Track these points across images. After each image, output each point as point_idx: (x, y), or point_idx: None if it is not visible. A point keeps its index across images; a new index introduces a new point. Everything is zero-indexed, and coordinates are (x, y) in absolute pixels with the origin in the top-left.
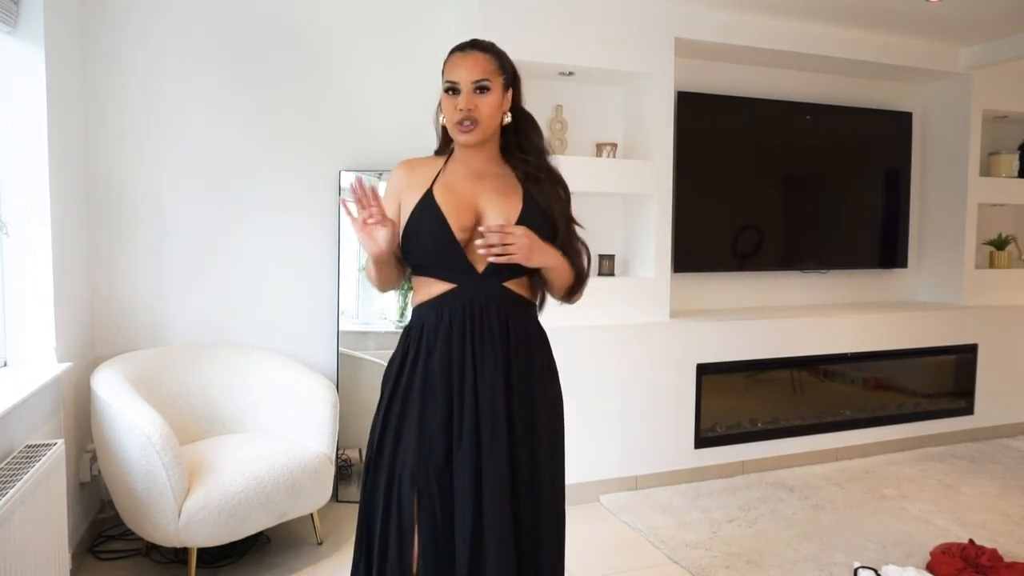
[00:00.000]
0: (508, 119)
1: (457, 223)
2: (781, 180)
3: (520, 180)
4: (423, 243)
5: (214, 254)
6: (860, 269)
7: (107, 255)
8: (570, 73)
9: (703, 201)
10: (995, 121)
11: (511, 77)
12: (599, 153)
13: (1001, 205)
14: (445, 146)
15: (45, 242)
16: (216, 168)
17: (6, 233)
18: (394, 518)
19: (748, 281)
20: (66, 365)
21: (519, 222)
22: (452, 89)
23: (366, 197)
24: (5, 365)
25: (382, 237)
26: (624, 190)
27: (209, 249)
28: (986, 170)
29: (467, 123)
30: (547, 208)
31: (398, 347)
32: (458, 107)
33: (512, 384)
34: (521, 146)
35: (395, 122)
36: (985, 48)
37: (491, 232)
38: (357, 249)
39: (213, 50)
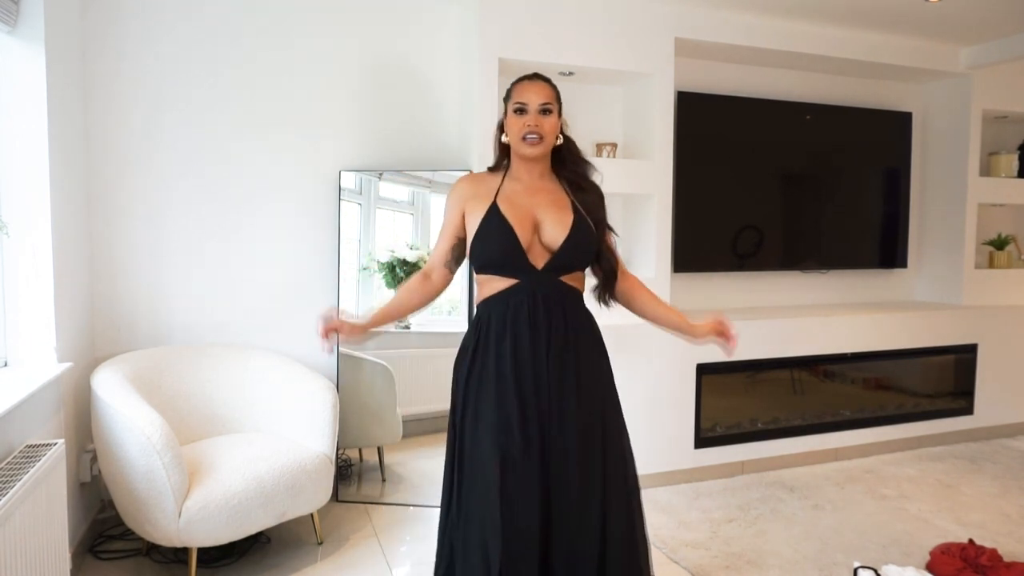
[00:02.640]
0: (561, 140)
1: (521, 230)
2: (781, 180)
3: (567, 191)
4: (492, 247)
5: (214, 254)
6: (860, 269)
7: (107, 255)
8: (570, 73)
9: (703, 201)
10: (995, 121)
11: (561, 107)
12: (599, 153)
13: (1001, 205)
14: (499, 163)
15: (45, 242)
16: (217, 168)
17: (6, 233)
18: (479, 479)
19: (748, 281)
20: (66, 365)
21: (571, 233)
22: (521, 109)
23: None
24: (5, 365)
25: (363, 337)
26: (624, 190)
27: (209, 249)
28: (986, 170)
29: (532, 136)
30: (592, 214)
31: (468, 336)
32: (527, 123)
33: (577, 367)
34: (572, 160)
35: (394, 123)
36: (985, 48)
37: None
38: (357, 249)
39: (214, 50)
